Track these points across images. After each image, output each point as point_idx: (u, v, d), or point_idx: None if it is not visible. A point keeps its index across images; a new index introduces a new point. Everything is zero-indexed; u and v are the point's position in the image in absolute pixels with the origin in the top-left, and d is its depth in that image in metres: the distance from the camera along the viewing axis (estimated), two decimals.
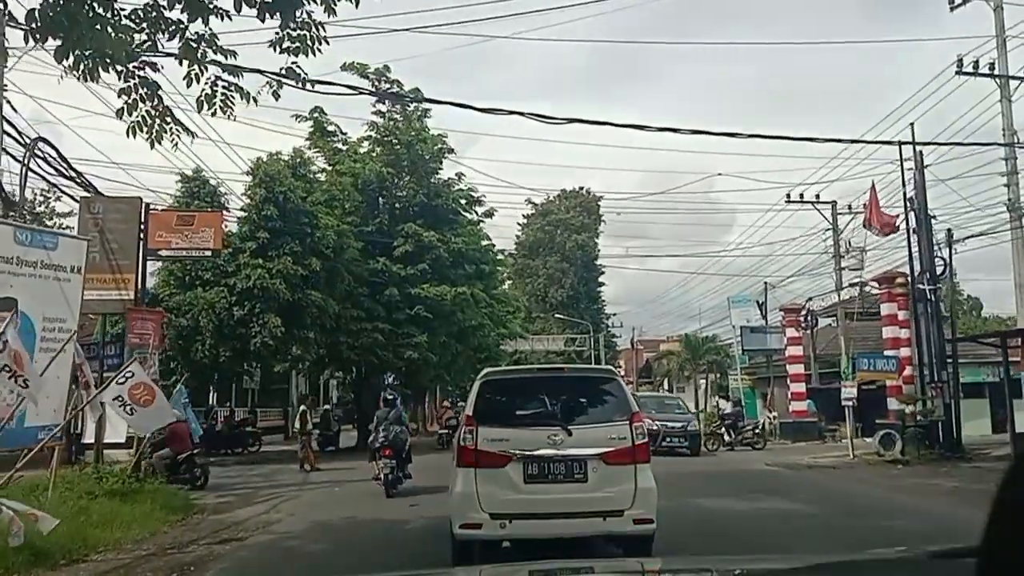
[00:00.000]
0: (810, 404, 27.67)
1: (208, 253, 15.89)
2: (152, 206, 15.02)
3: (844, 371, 20.33)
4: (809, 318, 27.91)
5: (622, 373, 67.70)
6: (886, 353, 21.00)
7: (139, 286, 14.04)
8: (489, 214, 28.50)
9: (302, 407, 20.89)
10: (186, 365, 20.53)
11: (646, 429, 7.17)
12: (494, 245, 29.28)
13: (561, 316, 64.66)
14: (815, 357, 29.09)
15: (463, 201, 27.55)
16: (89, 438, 14.07)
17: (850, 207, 30.71)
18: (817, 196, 31.18)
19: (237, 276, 20.93)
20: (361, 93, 15.31)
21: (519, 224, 72.01)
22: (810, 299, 26.96)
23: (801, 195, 31.04)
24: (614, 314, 74.47)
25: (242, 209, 22.21)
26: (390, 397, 15.03)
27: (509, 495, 6.63)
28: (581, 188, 75.88)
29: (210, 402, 31.91)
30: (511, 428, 6.92)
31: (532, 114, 13.98)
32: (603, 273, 76.02)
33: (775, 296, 30.23)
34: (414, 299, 25.34)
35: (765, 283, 30.22)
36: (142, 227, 14.19)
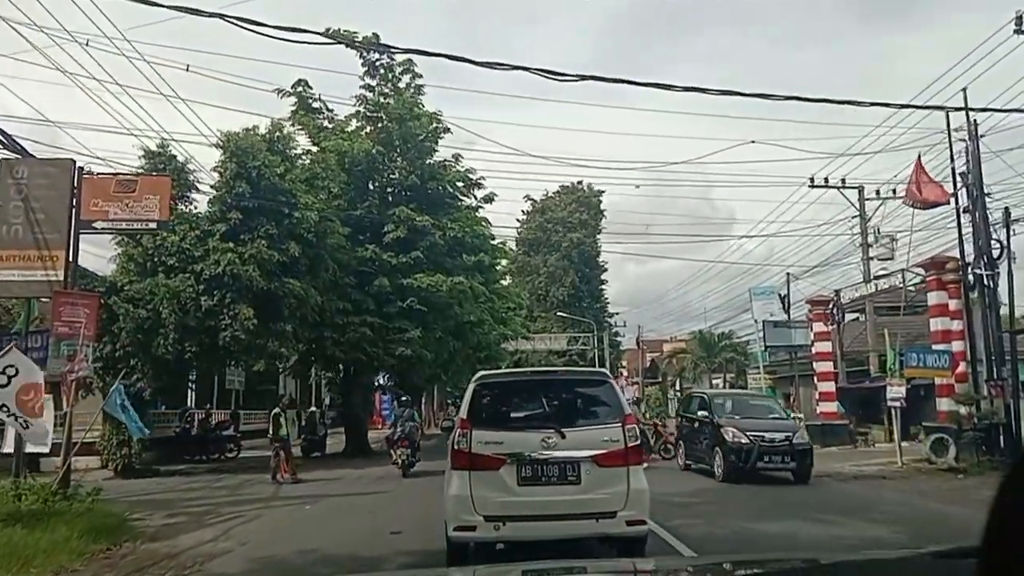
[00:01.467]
0: (838, 405, 25.35)
1: (153, 225, 13.48)
2: (87, 169, 12.62)
3: (890, 367, 18.02)
4: (836, 312, 25.60)
5: (625, 374, 65.70)
6: (935, 347, 18.68)
7: (69, 264, 11.68)
8: (489, 199, 26.13)
9: (275, 409, 18.45)
10: (147, 362, 18.18)
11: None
12: (494, 236, 26.81)
13: (563, 314, 62.27)
14: (842, 355, 26.80)
15: (460, 184, 25.19)
16: (10, 447, 11.73)
17: (878, 192, 28.46)
18: (843, 181, 28.93)
19: (205, 262, 18.55)
20: (339, 43, 13.02)
21: (518, 220, 69.43)
22: (839, 291, 24.66)
23: (826, 179, 28.81)
24: (616, 313, 72.09)
25: (212, 187, 19.86)
26: (404, 399, 19.82)
27: (503, 497, 6.62)
28: (579, 183, 73.68)
29: (188, 403, 29.67)
30: (505, 431, 6.89)
31: (539, 70, 11.78)
32: (605, 271, 73.82)
33: (797, 288, 27.95)
34: (406, 290, 23.03)
35: (788, 274, 27.88)
36: (74, 194, 11.85)
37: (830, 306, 25.04)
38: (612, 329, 66.18)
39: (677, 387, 37.78)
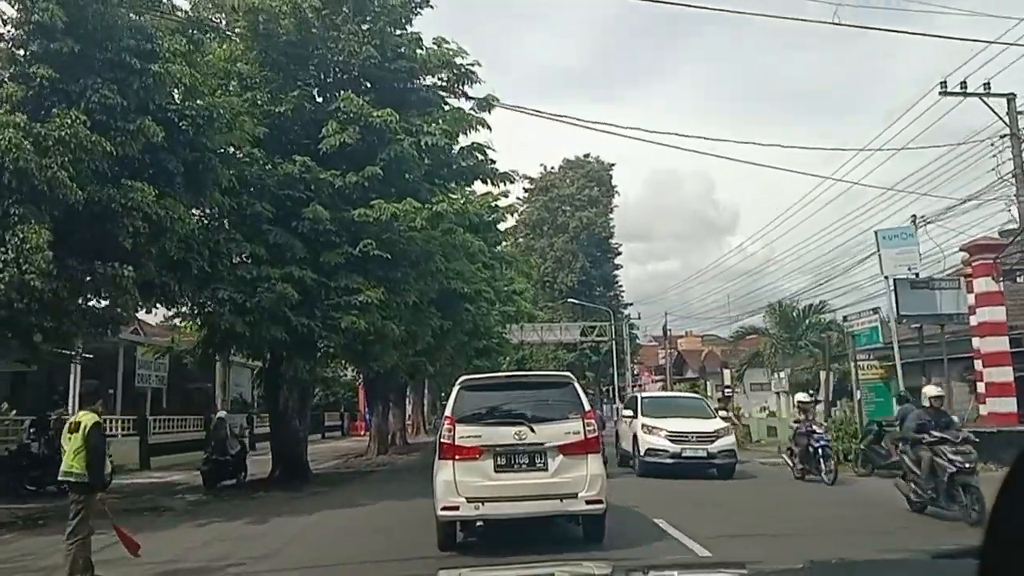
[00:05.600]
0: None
1: None
2: None
3: None
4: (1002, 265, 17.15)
5: (638, 370, 57.17)
6: None
7: None
8: (487, 105, 17.37)
9: (79, 415, 8.14)
10: None
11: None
12: (493, 161, 18.02)
13: (575, 301, 53.83)
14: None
15: (444, 74, 16.65)
16: None
17: None
18: (986, 86, 20.49)
19: None
20: None
21: (519, 199, 60.87)
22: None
23: (963, 83, 20.39)
24: (631, 303, 63.56)
25: None
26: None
27: (482, 482, 7.59)
28: (586, 156, 65.31)
29: (68, 407, 21.24)
30: (484, 426, 7.83)
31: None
32: (619, 254, 65.38)
33: (930, 237, 19.50)
34: (358, 228, 14.64)
35: (913, 216, 19.49)
36: None
37: (1003, 254, 16.54)
38: (629, 320, 57.65)
39: (739, 381, 29.25)
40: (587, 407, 8.12)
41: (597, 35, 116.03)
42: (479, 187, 24.25)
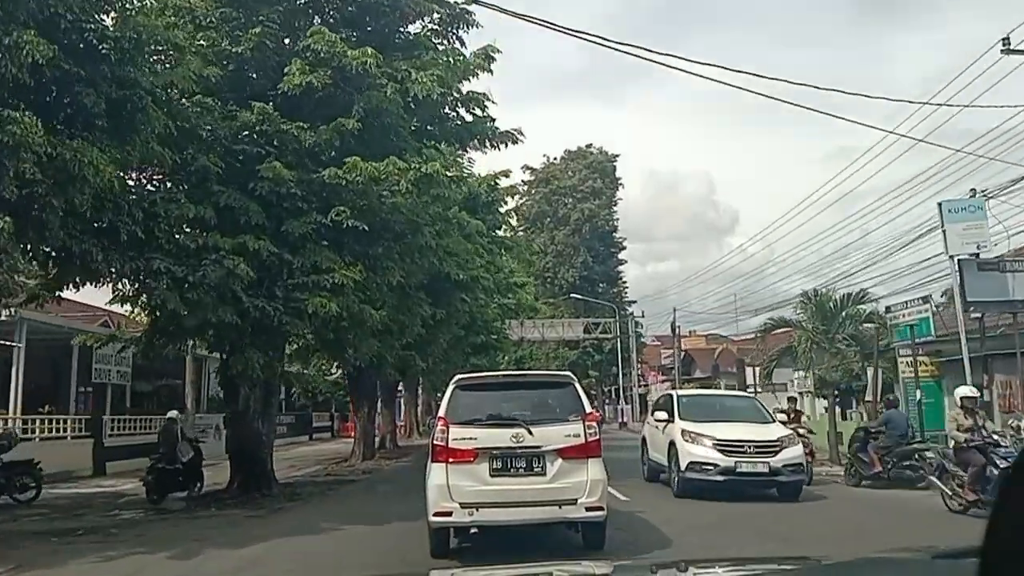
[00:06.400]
0: None
1: None
2: None
3: None
4: None
5: (642, 372, 54.73)
6: None
7: None
8: (487, 55, 14.83)
9: None
10: None
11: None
12: (493, 118, 15.44)
13: (578, 296, 51.30)
14: None
15: (437, 14, 14.12)
16: None
17: None
18: None
19: None
20: None
21: (518, 186, 57.98)
22: None
23: None
24: (634, 301, 60.98)
25: None
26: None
27: (477, 486, 7.27)
28: (589, 146, 62.69)
29: (10, 406, 18.71)
30: (479, 427, 7.52)
31: None
32: (624, 248, 62.80)
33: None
34: (330, 192, 12.16)
35: (973, 190, 17.00)
36: None
37: None
38: (633, 317, 55.07)
39: (767, 379, 26.77)
40: (588, 409, 7.85)
41: (596, 34, 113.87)
42: (479, 169, 21.98)
